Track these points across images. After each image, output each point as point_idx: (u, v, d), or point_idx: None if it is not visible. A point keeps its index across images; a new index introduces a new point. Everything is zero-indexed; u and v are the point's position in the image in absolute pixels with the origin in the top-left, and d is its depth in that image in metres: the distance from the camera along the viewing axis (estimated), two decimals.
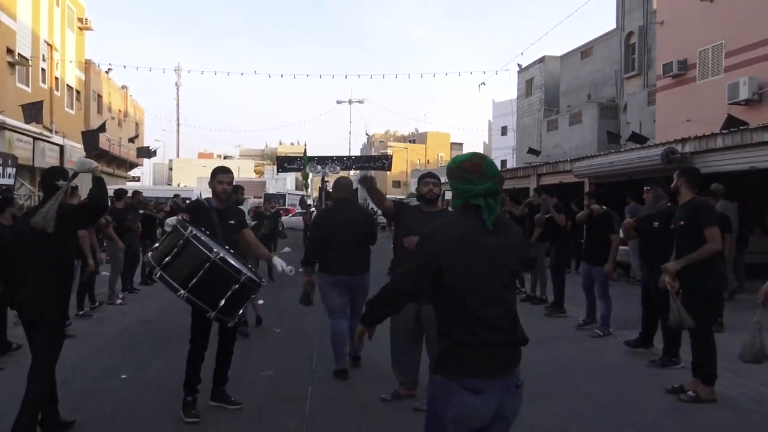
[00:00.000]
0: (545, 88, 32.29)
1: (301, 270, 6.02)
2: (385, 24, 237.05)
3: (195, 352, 4.83)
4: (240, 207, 5.48)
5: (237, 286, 4.23)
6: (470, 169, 2.62)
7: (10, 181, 14.27)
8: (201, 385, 4.88)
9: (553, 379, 5.95)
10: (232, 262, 4.27)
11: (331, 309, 5.88)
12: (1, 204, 6.58)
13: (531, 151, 28.70)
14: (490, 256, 2.57)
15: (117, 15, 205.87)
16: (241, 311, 4.49)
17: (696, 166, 9.66)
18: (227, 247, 4.73)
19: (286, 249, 20.19)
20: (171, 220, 4.41)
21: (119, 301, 9.95)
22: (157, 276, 4.30)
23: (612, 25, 26.74)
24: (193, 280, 4.15)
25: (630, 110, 24.01)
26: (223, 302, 4.22)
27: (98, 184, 4.26)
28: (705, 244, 5.25)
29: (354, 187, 6.48)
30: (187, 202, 10.98)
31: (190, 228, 4.28)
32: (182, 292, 4.16)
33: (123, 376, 5.86)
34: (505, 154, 44.59)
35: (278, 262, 4.87)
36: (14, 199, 7.35)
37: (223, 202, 5.06)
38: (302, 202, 33.51)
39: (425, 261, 2.60)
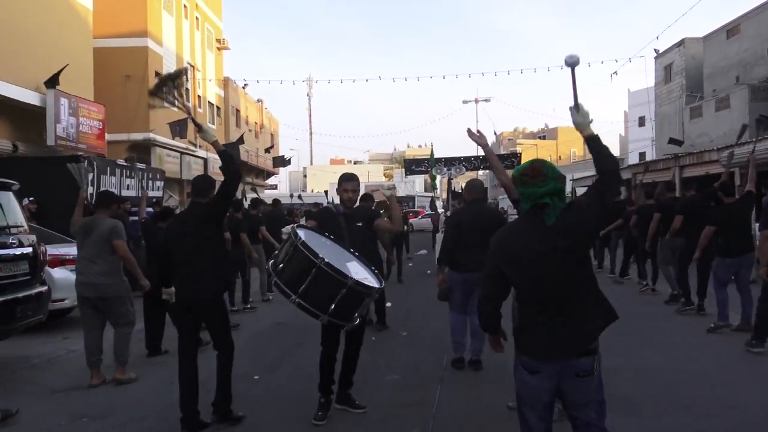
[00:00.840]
0: (686, 73, 30.01)
1: (429, 272, 6.38)
2: (507, 19, 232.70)
3: (326, 353, 4.96)
4: (373, 209, 5.64)
5: (345, 290, 4.24)
6: (532, 174, 2.92)
7: (159, 193, 15.45)
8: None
9: (691, 387, 5.47)
10: (338, 267, 4.27)
11: (453, 303, 6.38)
12: (165, 214, 8.02)
13: (672, 141, 26.75)
14: (537, 254, 2.85)
15: (250, 34, 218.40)
16: (356, 314, 4.46)
17: None
18: (352, 249, 4.81)
19: (423, 251, 20.35)
20: (287, 229, 4.57)
21: (270, 296, 10.86)
22: (273, 283, 4.47)
23: None
24: (302, 286, 4.24)
25: None
26: (333, 306, 4.25)
27: (224, 158, 4.75)
28: None
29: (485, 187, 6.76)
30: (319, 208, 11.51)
31: (299, 235, 4.36)
32: (294, 297, 4.27)
33: (255, 377, 6.09)
34: (643, 145, 42.10)
35: None
36: (174, 210, 8.59)
37: (350, 208, 5.17)
38: (432, 204, 33.57)
39: (487, 266, 3.04)
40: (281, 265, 4.38)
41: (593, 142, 2.98)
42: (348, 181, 5.13)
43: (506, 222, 6.90)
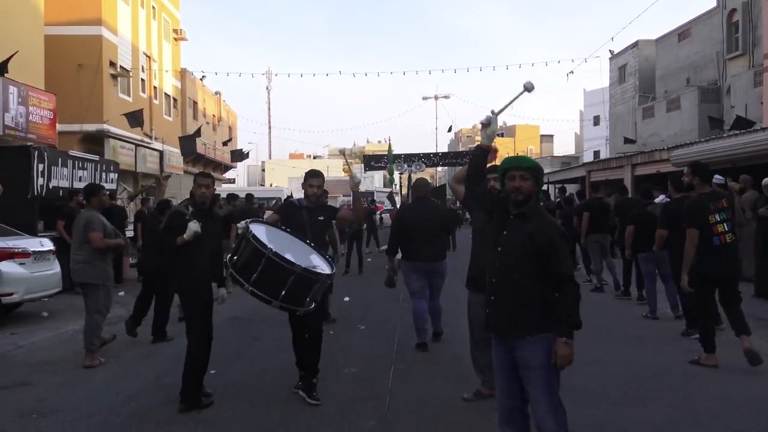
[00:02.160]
0: (640, 74, 30.79)
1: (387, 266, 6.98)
2: (469, 18, 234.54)
3: (293, 335, 5.36)
4: (332, 205, 5.95)
5: (293, 277, 4.50)
6: None
7: (113, 186, 15.09)
8: (285, 380, 5.03)
9: (643, 379, 5.65)
10: (286, 256, 4.52)
11: (412, 291, 6.83)
12: (164, 206, 8.53)
13: (626, 140, 27.47)
14: None
15: (209, 26, 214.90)
16: (308, 299, 4.68)
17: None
18: (308, 241, 5.11)
19: (384, 247, 20.41)
20: (241, 224, 4.77)
21: (230, 290, 10.93)
22: (228, 273, 4.76)
23: (712, 3, 25.14)
24: (254, 275, 4.51)
25: (734, 93, 22.45)
26: (284, 293, 4.52)
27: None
28: None
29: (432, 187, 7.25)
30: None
31: (250, 229, 4.63)
32: (247, 285, 4.55)
33: (212, 372, 6.02)
34: (598, 144, 43.02)
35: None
36: (170, 202, 9.32)
37: (314, 203, 5.44)
38: (390, 198, 33.62)
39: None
40: (235, 257, 4.66)
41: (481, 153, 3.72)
42: (314, 177, 5.47)
43: (457, 216, 7.24)
